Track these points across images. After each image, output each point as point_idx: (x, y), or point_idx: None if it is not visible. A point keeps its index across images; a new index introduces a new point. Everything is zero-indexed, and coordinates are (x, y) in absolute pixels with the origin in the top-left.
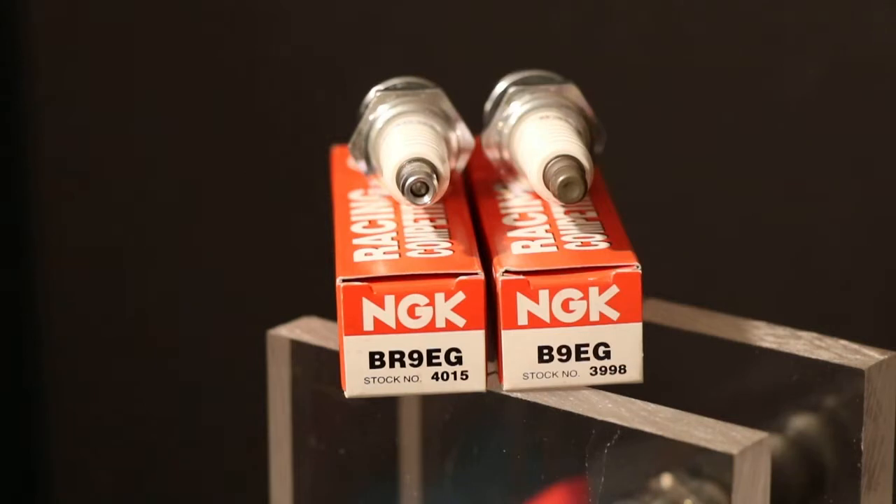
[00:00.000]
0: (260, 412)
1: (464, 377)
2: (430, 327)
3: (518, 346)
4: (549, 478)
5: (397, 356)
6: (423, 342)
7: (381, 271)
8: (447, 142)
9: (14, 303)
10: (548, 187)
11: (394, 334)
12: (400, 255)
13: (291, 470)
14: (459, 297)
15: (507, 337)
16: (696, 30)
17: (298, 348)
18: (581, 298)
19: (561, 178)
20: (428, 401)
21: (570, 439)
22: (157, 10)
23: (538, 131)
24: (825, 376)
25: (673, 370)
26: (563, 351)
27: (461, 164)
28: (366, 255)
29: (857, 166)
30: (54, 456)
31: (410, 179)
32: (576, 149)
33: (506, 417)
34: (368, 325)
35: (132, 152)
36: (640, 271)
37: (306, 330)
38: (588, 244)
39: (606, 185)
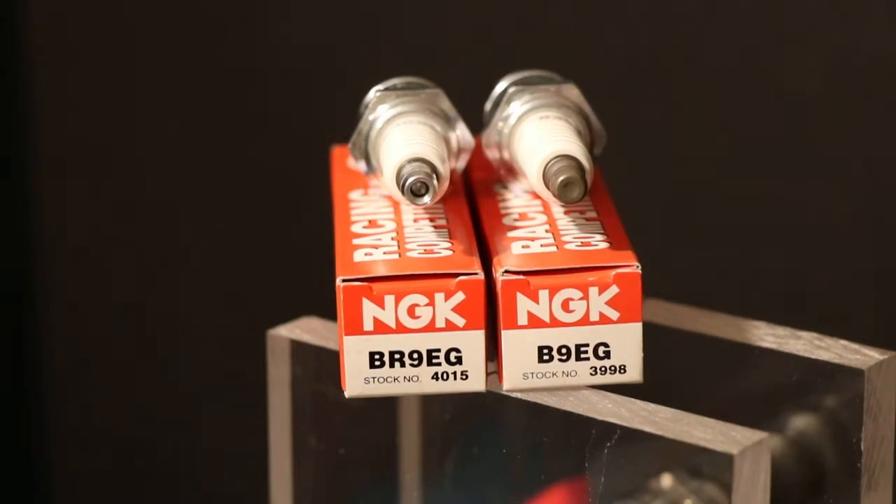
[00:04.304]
0: (260, 412)
1: (464, 377)
2: (430, 327)
3: (518, 346)
4: (549, 478)
5: (397, 356)
6: (422, 342)
7: (381, 271)
8: (447, 142)
9: (14, 303)
10: (548, 187)
11: (394, 334)
12: (400, 255)
13: (291, 470)
14: (459, 297)
15: (507, 337)
16: (697, 29)
17: (298, 348)
18: (581, 298)
19: (561, 178)
20: (428, 401)
21: (570, 439)
22: (157, 10)
23: (538, 131)
24: (825, 376)
25: (673, 370)
26: (563, 351)
27: (461, 164)
28: (366, 255)
29: (857, 166)
30: (54, 456)
31: (410, 179)
32: (576, 149)
33: (506, 417)
34: (368, 325)
35: (132, 152)
36: (640, 271)
37: (306, 330)
38: (588, 244)
39: (606, 185)
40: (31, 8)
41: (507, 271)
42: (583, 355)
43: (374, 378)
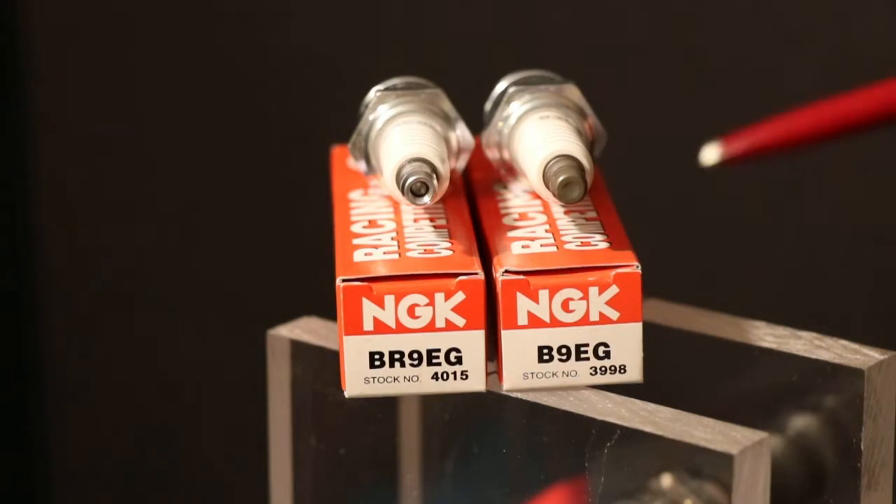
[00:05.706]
0: (260, 412)
1: (464, 377)
2: (430, 327)
3: (518, 346)
4: (549, 478)
5: (397, 356)
6: (422, 342)
7: (381, 271)
8: (447, 142)
9: (14, 303)
10: (548, 187)
11: (394, 334)
12: (400, 255)
13: (291, 470)
14: (459, 297)
15: (506, 337)
16: (697, 29)
17: (298, 348)
18: (581, 298)
19: (561, 178)
20: (428, 401)
21: (570, 439)
22: (157, 11)
23: (538, 131)
24: (825, 376)
25: (673, 370)
26: (563, 351)
27: (461, 164)
28: (366, 255)
29: (856, 166)
30: (54, 456)
31: (410, 179)
32: (576, 149)
33: (506, 417)
34: (368, 325)
35: (132, 153)
36: (640, 271)
37: (306, 330)
38: (588, 244)
39: (606, 185)
40: (31, 8)
41: (507, 271)
42: (583, 355)
43: (374, 378)
